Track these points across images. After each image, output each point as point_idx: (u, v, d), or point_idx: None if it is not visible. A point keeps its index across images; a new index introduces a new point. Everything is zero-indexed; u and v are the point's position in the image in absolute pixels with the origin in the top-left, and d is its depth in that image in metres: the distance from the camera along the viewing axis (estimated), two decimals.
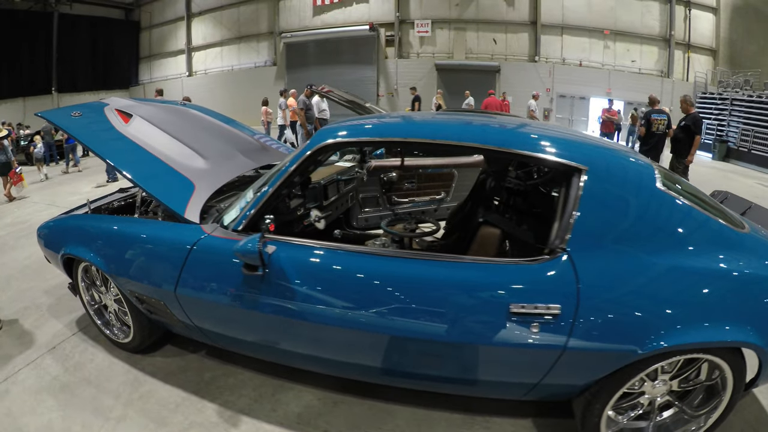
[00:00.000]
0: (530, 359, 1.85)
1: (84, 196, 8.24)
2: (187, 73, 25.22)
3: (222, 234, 2.31)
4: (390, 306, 1.93)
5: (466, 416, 2.39)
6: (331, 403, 2.56)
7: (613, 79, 18.95)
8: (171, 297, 2.41)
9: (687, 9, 18.90)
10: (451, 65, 19.93)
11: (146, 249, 2.53)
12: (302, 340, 2.28)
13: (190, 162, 3.09)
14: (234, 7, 23.19)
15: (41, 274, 4.58)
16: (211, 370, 2.90)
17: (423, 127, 2.49)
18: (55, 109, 3.45)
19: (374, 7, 20.46)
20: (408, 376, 2.25)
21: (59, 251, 2.95)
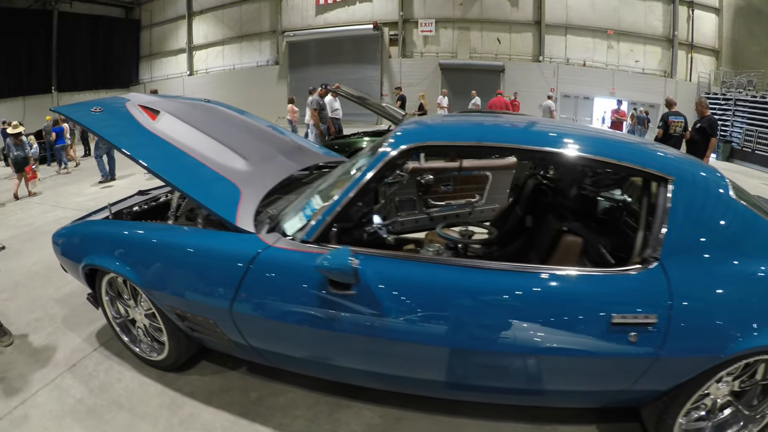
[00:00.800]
0: (625, 368, 1.83)
1: (89, 196, 8.02)
2: (188, 72, 24.81)
3: (289, 245, 2.04)
4: (488, 320, 1.85)
5: (533, 426, 2.30)
6: (394, 420, 2.36)
7: (616, 79, 18.75)
8: (224, 315, 2.14)
9: (690, 9, 18.70)
10: (455, 65, 19.63)
11: (192, 261, 2.25)
12: (381, 357, 2.07)
13: (231, 163, 2.81)
14: (236, 6, 22.80)
15: (51, 281, 4.23)
16: (256, 389, 2.61)
17: (506, 132, 2.38)
18: (72, 105, 3.13)
19: (378, 6, 20.13)
20: (491, 390, 2.13)
21: (81, 261, 2.65)
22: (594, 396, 2.06)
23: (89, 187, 8.99)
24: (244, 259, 2.05)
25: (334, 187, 2.28)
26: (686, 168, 2.00)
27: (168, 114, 3.02)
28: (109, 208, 3.11)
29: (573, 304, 1.80)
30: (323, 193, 2.34)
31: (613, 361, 1.81)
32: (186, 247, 2.28)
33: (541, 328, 1.80)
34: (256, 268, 2.03)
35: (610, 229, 2.53)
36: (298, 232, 2.08)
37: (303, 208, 2.26)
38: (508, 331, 1.82)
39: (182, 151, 2.68)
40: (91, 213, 3.35)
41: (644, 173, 1.94)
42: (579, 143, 2.08)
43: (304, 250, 1.98)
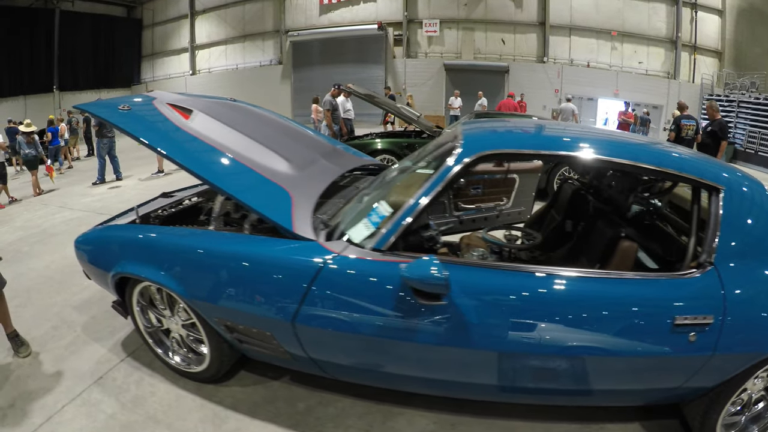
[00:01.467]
0: (683, 366, 1.89)
1: (97, 197, 7.82)
2: (190, 72, 24.57)
3: (360, 254, 1.93)
4: (566, 325, 1.86)
5: (582, 425, 2.31)
6: (449, 426, 2.30)
7: (620, 80, 18.59)
8: (285, 328, 2.03)
9: (693, 11, 18.57)
10: (460, 65, 19.41)
11: (247, 272, 2.10)
12: (454, 365, 2.01)
13: (275, 166, 2.66)
14: (239, 5, 22.51)
15: (66, 286, 4.05)
16: (303, 399, 2.49)
17: (573, 142, 2.35)
18: (97, 102, 2.92)
19: (382, 6, 19.90)
20: (552, 392, 2.13)
21: (110, 269, 2.50)
22: (646, 394, 2.10)
23: (96, 187, 8.76)
24: (310, 269, 1.93)
25: (397, 192, 2.24)
26: (734, 178, 2.07)
27: (201, 113, 2.84)
28: (136, 210, 2.96)
29: (640, 306, 1.85)
30: (386, 199, 2.24)
31: (672, 361, 1.87)
32: (240, 256, 2.13)
33: (611, 330, 1.85)
34: (324, 278, 1.91)
35: (652, 235, 2.61)
36: (366, 240, 1.98)
37: (368, 215, 2.13)
38: (581, 335, 1.86)
39: (224, 153, 2.53)
40: (114, 217, 3.20)
41: (700, 183, 2.00)
42: (643, 154, 2.16)
43: (380, 259, 1.89)
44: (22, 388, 2.64)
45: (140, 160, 10.10)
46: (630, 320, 1.84)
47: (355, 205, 2.51)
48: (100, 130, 9.17)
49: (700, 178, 1.99)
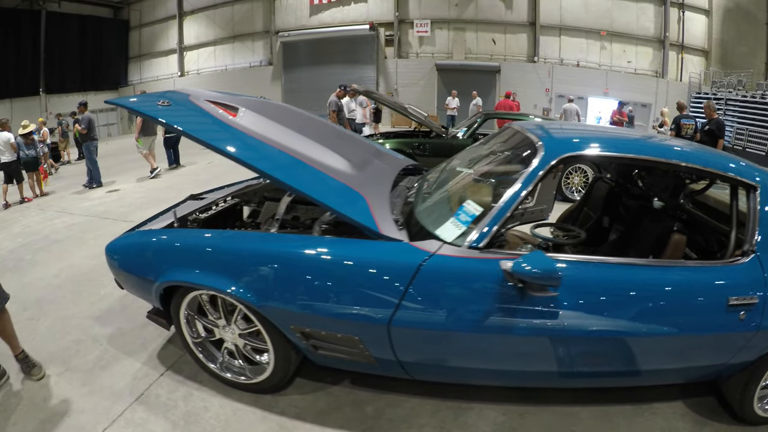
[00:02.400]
0: (733, 343, 2.08)
1: (97, 201, 7.64)
2: (179, 73, 24.35)
3: (459, 252, 1.96)
4: (648, 310, 2.03)
5: (634, 406, 2.43)
6: (518, 416, 2.36)
7: (609, 79, 18.97)
8: (378, 331, 2.01)
9: (680, 11, 18.99)
10: (451, 65, 19.61)
11: (333, 276, 2.05)
12: (551, 355, 2.10)
13: (338, 166, 2.61)
14: (228, 6, 22.43)
15: (81, 296, 3.84)
16: (369, 402, 2.44)
17: (643, 146, 2.57)
18: (132, 97, 2.79)
19: (373, 6, 20.02)
20: (617, 375, 2.27)
21: (157, 278, 2.37)
22: (695, 371, 2.27)
23: (96, 191, 8.53)
24: (406, 270, 1.93)
25: (473, 192, 2.34)
26: (765, 176, 2.29)
27: (248, 110, 2.77)
28: (174, 213, 2.85)
29: (703, 290, 2.06)
30: (469, 198, 2.25)
31: (726, 338, 2.07)
32: (324, 260, 2.08)
33: (682, 313, 2.05)
34: (422, 277, 1.92)
35: (701, 227, 2.82)
36: (459, 238, 2.01)
37: (456, 214, 2.13)
38: (661, 318, 2.03)
39: (286, 152, 2.46)
40: (146, 221, 3.06)
41: (740, 182, 2.22)
42: (693, 157, 2.37)
43: (480, 257, 1.93)
44: (50, 410, 2.45)
45: (135, 162, 9.94)
46: (696, 302, 2.06)
47: (427, 204, 2.50)
48: (88, 134, 8.88)
49: (740, 177, 2.21)
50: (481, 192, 2.37)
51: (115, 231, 5.37)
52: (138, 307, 3.44)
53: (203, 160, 10.71)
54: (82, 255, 4.84)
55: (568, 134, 2.77)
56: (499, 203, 2.03)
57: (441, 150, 6.71)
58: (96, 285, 4.03)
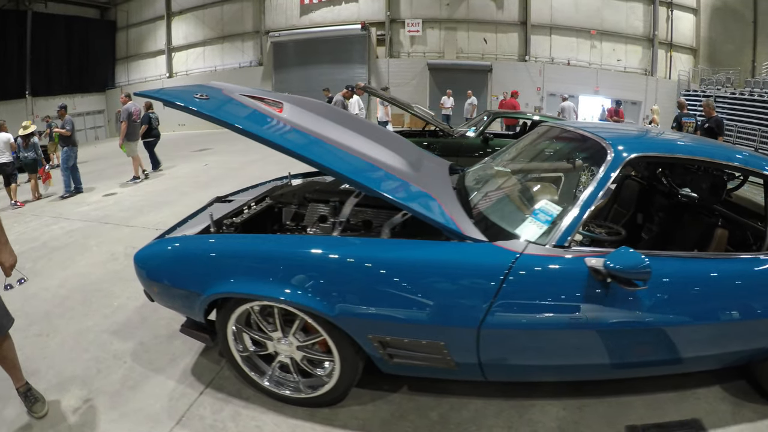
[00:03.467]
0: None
1: (93, 206, 7.26)
2: (167, 75, 24.33)
3: (547, 252, 2.00)
4: (714, 299, 2.15)
5: (678, 393, 2.53)
6: (577, 409, 2.42)
7: (600, 77, 19.39)
8: (466, 334, 1.99)
9: (669, 10, 19.48)
10: (443, 65, 19.88)
11: (418, 280, 1.98)
12: (632, 346, 2.19)
13: (400, 166, 2.58)
14: (217, 6, 22.51)
15: (93, 307, 3.63)
16: (432, 408, 2.41)
17: (700, 148, 2.73)
18: (164, 90, 2.53)
19: (364, 6, 20.23)
20: (670, 362, 2.33)
21: (204, 290, 2.22)
22: (733, 356, 2.36)
23: (91, 195, 8.24)
24: (498, 270, 1.93)
25: (545, 192, 2.46)
26: None
27: (294, 106, 2.74)
28: (211, 217, 2.69)
29: (755, 279, 2.19)
30: (545, 198, 2.36)
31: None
32: (408, 264, 2.02)
33: (739, 300, 2.16)
34: (514, 277, 1.92)
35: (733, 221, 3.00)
36: (542, 237, 2.05)
37: (534, 214, 2.21)
38: (718, 306, 2.14)
39: (348, 150, 2.42)
40: (174, 227, 2.92)
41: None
42: (735, 156, 2.53)
43: (567, 255, 1.98)
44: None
45: (127, 165, 9.66)
46: (750, 290, 2.18)
47: (493, 204, 2.53)
48: (70, 137, 8.37)
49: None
50: (549, 192, 2.45)
51: (119, 236, 5.44)
52: (159, 319, 3.36)
53: (186, 163, 10.54)
54: (87, 263, 4.67)
55: (631, 135, 2.83)
56: (579, 203, 2.07)
57: (451, 149, 6.66)
58: (107, 295, 3.88)
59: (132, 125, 8.82)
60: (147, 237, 5.29)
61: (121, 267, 4.46)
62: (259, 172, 9.03)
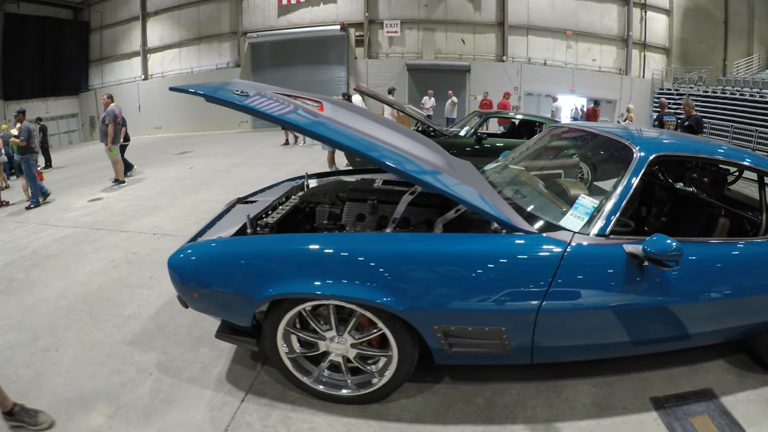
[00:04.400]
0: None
1: (82, 211, 6.98)
2: (142, 77, 24.16)
3: (591, 240, 2.23)
4: (730, 277, 2.45)
5: (689, 367, 2.79)
6: (606, 386, 2.63)
7: (576, 77, 20.00)
8: (525, 319, 2.19)
9: (643, 11, 20.25)
10: (422, 65, 20.25)
11: (484, 271, 2.14)
12: (659, 324, 2.43)
13: (438, 162, 2.71)
14: (194, 6, 22.51)
15: (102, 317, 3.49)
16: (476, 394, 2.55)
17: (719, 149, 2.95)
18: (199, 85, 2.45)
19: (342, 6, 20.50)
20: (684, 337, 2.58)
21: (258, 292, 2.22)
22: (735, 330, 2.63)
23: (76, 201, 7.86)
24: (552, 259, 2.14)
25: (576, 187, 2.70)
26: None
27: (331, 104, 2.84)
28: (248, 216, 2.68)
29: (757, 259, 2.48)
30: (572, 191, 2.63)
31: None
32: (474, 256, 2.17)
33: (752, 277, 2.46)
34: (567, 264, 2.13)
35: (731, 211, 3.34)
36: (585, 227, 2.26)
37: (574, 207, 2.41)
38: (730, 283, 2.43)
39: (393, 149, 2.48)
40: (202, 231, 2.84)
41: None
42: (744, 157, 2.81)
43: (609, 243, 2.22)
44: None
45: (107, 169, 9.37)
46: (755, 269, 2.49)
47: (528, 199, 2.72)
48: (27, 146, 7.80)
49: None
50: (579, 187, 2.71)
51: (115, 242, 5.34)
52: (178, 326, 3.30)
53: (171, 166, 10.46)
54: (86, 271, 4.48)
55: (651, 136, 3.08)
56: (615, 196, 2.31)
57: (445, 149, 6.77)
58: (115, 304, 3.73)
59: (116, 128, 8.69)
60: (146, 242, 5.27)
61: (125, 274, 4.34)
62: (248, 175, 9.22)
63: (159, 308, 3.62)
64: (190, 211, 6.54)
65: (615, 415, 2.40)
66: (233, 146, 14.28)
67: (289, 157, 11.40)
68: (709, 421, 2.36)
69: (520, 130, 8.69)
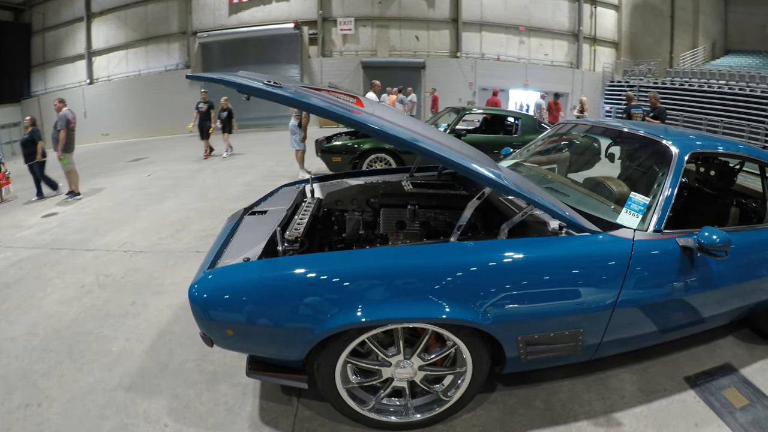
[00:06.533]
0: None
1: (37, 228, 6.42)
2: (87, 81, 23.74)
3: (651, 236, 2.38)
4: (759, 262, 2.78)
5: (706, 346, 3.13)
6: (643, 371, 2.87)
7: (529, 71, 20.95)
8: (601, 318, 2.30)
9: (593, 6, 21.53)
10: (376, 63, 20.76)
11: (562, 274, 2.18)
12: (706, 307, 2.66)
13: (484, 161, 2.78)
14: (141, 5, 22.39)
15: (85, 356, 3.07)
16: (532, 398, 2.65)
17: (743, 147, 3.21)
18: (222, 75, 2.29)
19: (295, 4, 20.85)
20: (711, 318, 2.82)
21: (321, 324, 2.01)
22: (740, 311, 2.91)
23: (29, 217, 7.18)
24: (623, 256, 2.26)
25: (621, 184, 2.87)
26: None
27: (366, 100, 2.88)
28: (280, 233, 2.45)
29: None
30: (618, 189, 2.82)
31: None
32: (552, 261, 2.19)
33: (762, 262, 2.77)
34: (636, 261, 2.27)
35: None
36: (641, 224, 2.42)
37: (627, 205, 2.54)
38: (757, 265, 2.75)
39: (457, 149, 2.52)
40: (218, 253, 2.44)
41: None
42: (751, 151, 3.12)
43: (665, 237, 2.39)
44: None
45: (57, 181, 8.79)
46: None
47: (575, 199, 2.81)
48: None
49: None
50: (620, 184, 2.89)
51: (82, 264, 4.80)
52: (183, 362, 2.97)
53: (127, 175, 10.09)
54: (54, 300, 3.97)
55: (681, 134, 3.22)
56: (664, 193, 2.48)
57: None
58: (98, 340, 3.28)
59: (70, 134, 8.17)
60: (118, 261, 4.81)
61: (100, 301, 3.89)
62: (213, 180, 9.00)
63: (153, 341, 3.24)
64: (160, 223, 6.20)
65: (660, 398, 2.62)
66: (188, 151, 13.77)
67: (252, 159, 11.26)
68: (737, 392, 2.67)
69: (495, 126, 8.92)
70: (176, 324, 3.46)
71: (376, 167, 7.55)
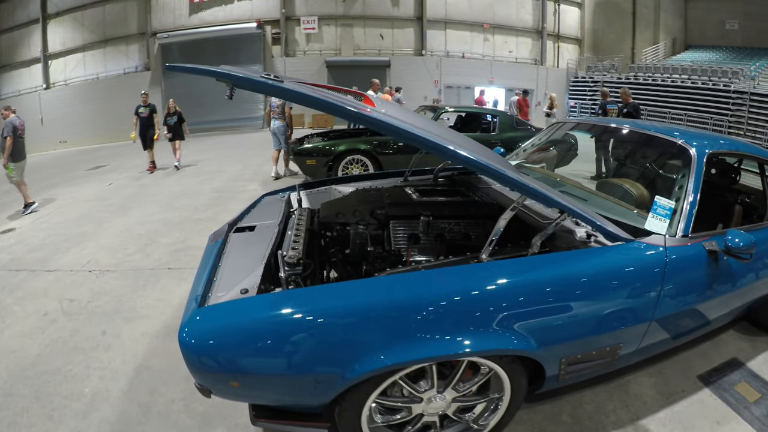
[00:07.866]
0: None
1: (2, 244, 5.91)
2: (44, 86, 23.25)
3: (680, 242, 2.36)
4: None
5: (711, 342, 3.24)
6: (658, 373, 2.93)
7: (494, 68, 21.43)
8: (640, 329, 2.27)
9: (556, 4, 22.24)
10: (341, 62, 20.96)
11: (603, 289, 2.08)
12: (727, 307, 2.75)
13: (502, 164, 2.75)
14: (98, 6, 22.15)
15: (56, 403, 2.71)
16: (558, 412, 2.60)
17: (743, 146, 3.27)
18: (224, 68, 2.00)
19: (257, 4, 20.92)
20: (728, 315, 2.91)
21: (351, 369, 1.76)
22: (750, 304, 3.00)
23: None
24: (658, 265, 2.22)
25: (641, 188, 2.91)
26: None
27: (378, 101, 2.83)
28: (282, 257, 2.17)
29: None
30: (637, 193, 2.86)
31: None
32: (591, 275, 2.07)
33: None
34: (671, 268, 2.24)
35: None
36: (669, 229, 2.39)
37: (653, 209, 2.51)
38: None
39: (485, 157, 2.41)
40: (208, 279, 2.15)
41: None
42: (755, 150, 3.22)
43: (693, 242, 2.38)
44: None
45: (9, 195, 8.38)
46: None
47: (590, 203, 2.76)
48: None
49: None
50: (638, 187, 2.91)
51: (43, 287, 4.31)
52: (168, 402, 2.67)
53: (87, 184, 9.62)
54: (15, 332, 3.55)
55: (696, 134, 3.22)
56: (689, 196, 2.45)
57: (406, 148, 7.00)
58: (68, 380, 2.93)
59: (17, 141, 7.78)
60: (83, 283, 4.35)
61: (67, 332, 3.49)
62: (178, 187, 8.65)
63: (130, 378, 2.91)
64: (126, 238, 5.76)
65: (679, 399, 2.68)
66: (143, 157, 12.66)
67: (218, 164, 11.03)
68: (748, 386, 2.77)
69: (472, 124, 8.97)
70: (154, 357, 3.13)
71: (352, 169, 7.31)
